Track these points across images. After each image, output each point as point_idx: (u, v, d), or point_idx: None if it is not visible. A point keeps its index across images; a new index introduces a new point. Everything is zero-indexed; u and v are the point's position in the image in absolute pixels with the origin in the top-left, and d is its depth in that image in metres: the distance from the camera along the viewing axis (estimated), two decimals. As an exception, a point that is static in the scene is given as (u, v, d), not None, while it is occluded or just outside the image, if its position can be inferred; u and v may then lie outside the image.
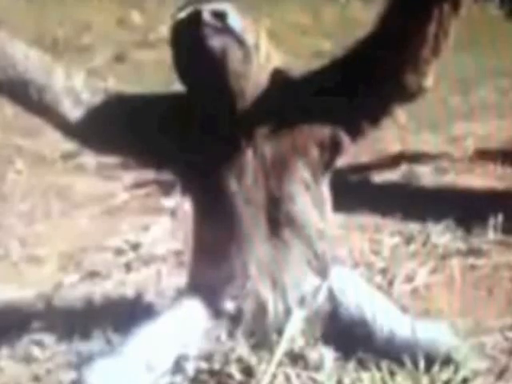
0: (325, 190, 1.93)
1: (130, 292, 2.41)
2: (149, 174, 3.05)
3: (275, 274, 1.88)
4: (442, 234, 2.80)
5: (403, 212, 2.96)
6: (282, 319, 1.89)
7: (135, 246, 2.77)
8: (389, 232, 2.85)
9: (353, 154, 1.88)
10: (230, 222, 1.86)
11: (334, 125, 1.83)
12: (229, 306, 1.89)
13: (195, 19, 1.69)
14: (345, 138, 1.85)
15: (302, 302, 1.88)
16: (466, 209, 2.93)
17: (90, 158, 3.45)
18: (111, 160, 3.13)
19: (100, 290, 2.45)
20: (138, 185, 3.01)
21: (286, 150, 1.84)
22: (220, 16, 1.70)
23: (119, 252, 2.74)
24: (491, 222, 2.75)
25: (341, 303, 1.93)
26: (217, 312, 1.90)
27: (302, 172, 1.85)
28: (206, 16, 1.69)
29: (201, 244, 1.96)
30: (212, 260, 1.90)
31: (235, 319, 1.89)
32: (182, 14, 1.72)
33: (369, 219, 3.00)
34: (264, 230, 1.86)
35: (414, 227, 2.88)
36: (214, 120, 1.82)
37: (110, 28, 6.08)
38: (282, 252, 1.88)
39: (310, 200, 1.88)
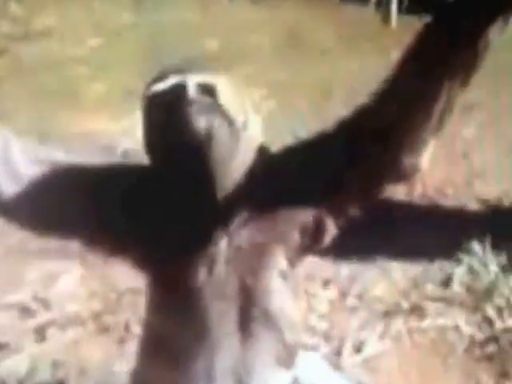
0: (300, 271, 1.72)
1: (46, 374, 2.08)
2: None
3: (241, 373, 1.66)
4: (377, 284, 2.64)
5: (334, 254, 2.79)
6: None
7: (45, 303, 2.43)
8: (321, 281, 2.67)
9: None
10: (193, 316, 1.63)
11: (317, 208, 1.61)
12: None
13: (178, 94, 1.42)
14: (329, 222, 1.63)
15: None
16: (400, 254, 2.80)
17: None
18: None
19: (11, 366, 2.11)
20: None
21: (264, 237, 1.62)
22: (208, 91, 1.43)
23: (26, 311, 2.39)
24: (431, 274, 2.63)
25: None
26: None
27: (279, 261, 1.64)
28: (192, 91, 1.42)
29: (154, 339, 1.70)
30: (168, 358, 1.65)
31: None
32: (162, 85, 1.44)
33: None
34: (232, 325, 1.64)
35: (345, 274, 2.71)
36: (186, 203, 1.56)
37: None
38: (250, 348, 1.68)
39: (286, 290, 1.67)
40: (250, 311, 1.63)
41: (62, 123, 4.10)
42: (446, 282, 2.64)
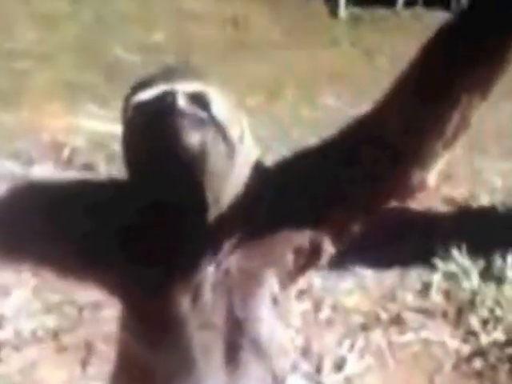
0: (292, 294, 1.57)
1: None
2: None
3: (228, 407, 1.51)
4: (351, 295, 2.51)
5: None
6: None
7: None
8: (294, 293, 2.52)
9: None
10: (176, 347, 1.47)
11: (315, 228, 1.46)
12: None
13: (167, 103, 1.25)
14: (326, 242, 1.49)
15: None
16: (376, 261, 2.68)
17: None
18: None
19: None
20: None
21: (255, 260, 1.47)
22: (201, 101, 1.26)
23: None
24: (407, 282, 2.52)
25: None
26: None
27: (270, 284, 1.48)
28: (183, 102, 1.25)
29: (131, 368, 1.53)
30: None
31: None
32: (148, 93, 1.27)
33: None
34: (219, 356, 1.50)
35: (318, 284, 2.57)
36: (172, 224, 1.39)
37: None
38: (237, 379, 1.53)
39: (277, 315, 1.52)
40: (238, 340, 1.48)
41: (3, 120, 3.88)
42: (425, 291, 2.53)
